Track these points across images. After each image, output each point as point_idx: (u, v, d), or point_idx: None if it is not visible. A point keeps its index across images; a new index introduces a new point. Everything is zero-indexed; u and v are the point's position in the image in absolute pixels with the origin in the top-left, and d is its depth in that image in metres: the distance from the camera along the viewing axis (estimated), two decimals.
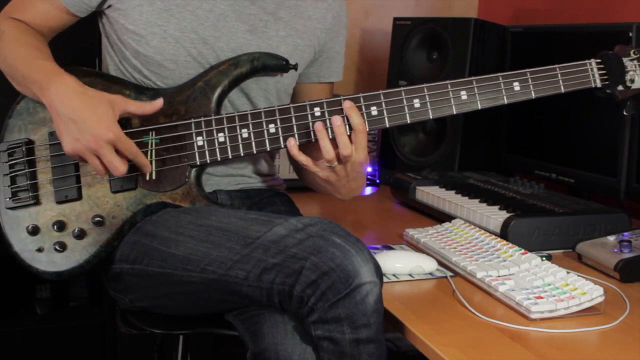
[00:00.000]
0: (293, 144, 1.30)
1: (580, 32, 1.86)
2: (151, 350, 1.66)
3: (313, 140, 1.32)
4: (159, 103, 1.30)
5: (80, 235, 1.33)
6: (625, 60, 1.42)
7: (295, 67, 1.41)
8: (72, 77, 1.27)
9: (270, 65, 1.38)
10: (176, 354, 1.51)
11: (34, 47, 1.34)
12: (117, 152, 1.25)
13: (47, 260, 1.33)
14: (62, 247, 1.32)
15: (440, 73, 2.09)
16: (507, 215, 1.54)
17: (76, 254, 1.33)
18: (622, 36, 1.66)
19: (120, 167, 1.25)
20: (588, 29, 1.85)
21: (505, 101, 1.37)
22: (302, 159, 1.31)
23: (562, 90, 1.39)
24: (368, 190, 2.17)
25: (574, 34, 1.88)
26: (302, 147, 1.33)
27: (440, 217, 1.72)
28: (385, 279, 1.27)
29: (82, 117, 1.23)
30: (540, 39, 1.98)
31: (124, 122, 1.32)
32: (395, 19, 2.23)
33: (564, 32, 1.92)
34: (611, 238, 1.46)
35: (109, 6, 1.37)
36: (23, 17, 1.40)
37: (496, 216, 1.55)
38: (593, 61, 1.42)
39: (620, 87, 1.42)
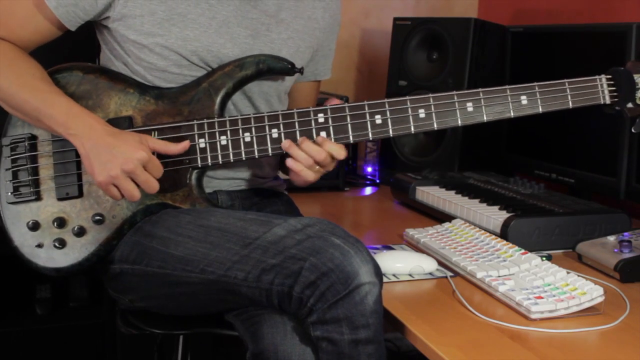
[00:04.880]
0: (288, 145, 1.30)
1: (580, 32, 1.86)
2: (151, 350, 1.66)
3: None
4: (184, 145, 1.30)
5: (80, 232, 1.33)
6: (636, 77, 1.38)
7: (301, 70, 1.40)
8: (95, 117, 1.27)
9: (276, 68, 1.37)
10: (176, 354, 1.51)
11: (33, 76, 1.31)
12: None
13: (46, 256, 1.33)
14: (61, 243, 1.32)
15: (440, 73, 2.08)
16: (507, 215, 1.54)
17: (75, 252, 1.33)
18: (622, 36, 1.66)
19: (155, 186, 1.26)
20: (588, 29, 1.85)
21: (512, 114, 1.34)
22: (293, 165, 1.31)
23: (571, 105, 1.37)
24: (368, 190, 2.17)
25: (574, 34, 1.88)
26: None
27: (440, 217, 1.72)
28: (385, 279, 1.27)
29: (114, 144, 1.23)
30: (540, 39, 1.98)
31: (127, 123, 1.32)
32: (395, 19, 2.23)
33: (564, 32, 1.92)
34: (611, 238, 1.45)
35: (107, 17, 1.35)
36: (11, 36, 1.35)
37: (496, 216, 1.55)
38: (603, 77, 1.38)
39: (629, 105, 1.38)
